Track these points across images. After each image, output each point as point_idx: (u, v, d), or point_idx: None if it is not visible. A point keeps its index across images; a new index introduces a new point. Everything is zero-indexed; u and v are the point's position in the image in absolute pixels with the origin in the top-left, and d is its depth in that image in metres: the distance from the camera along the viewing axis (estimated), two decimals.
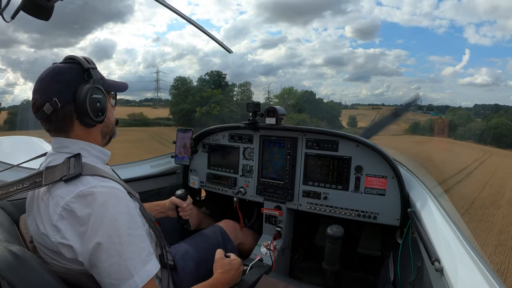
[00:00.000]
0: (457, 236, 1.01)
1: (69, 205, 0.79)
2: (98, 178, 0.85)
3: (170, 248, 1.33)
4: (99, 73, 0.95)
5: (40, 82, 0.88)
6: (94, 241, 0.78)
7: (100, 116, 0.92)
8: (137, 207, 0.94)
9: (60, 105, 0.85)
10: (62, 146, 0.91)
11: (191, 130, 1.88)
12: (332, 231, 1.32)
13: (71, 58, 0.93)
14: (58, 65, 0.90)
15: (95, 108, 0.89)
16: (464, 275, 0.84)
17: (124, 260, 0.80)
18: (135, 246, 0.83)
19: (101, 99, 0.91)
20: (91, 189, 0.81)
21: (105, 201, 0.81)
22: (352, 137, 1.55)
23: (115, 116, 1.06)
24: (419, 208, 1.29)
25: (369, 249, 1.70)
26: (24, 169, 1.24)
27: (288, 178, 1.67)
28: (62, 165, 0.85)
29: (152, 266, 0.87)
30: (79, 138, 0.92)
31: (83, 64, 0.90)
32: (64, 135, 0.91)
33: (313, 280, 1.81)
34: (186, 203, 1.41)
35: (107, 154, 1.01)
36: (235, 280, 1.19)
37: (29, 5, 0.94)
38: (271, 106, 1.68)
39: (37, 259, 0.78)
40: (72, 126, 0.90)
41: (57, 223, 0.80)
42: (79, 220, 0.79)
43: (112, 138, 1.06)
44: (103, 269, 0.80)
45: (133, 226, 0.85)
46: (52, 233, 0.81)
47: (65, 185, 0.81)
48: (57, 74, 0.88)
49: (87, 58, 0.93)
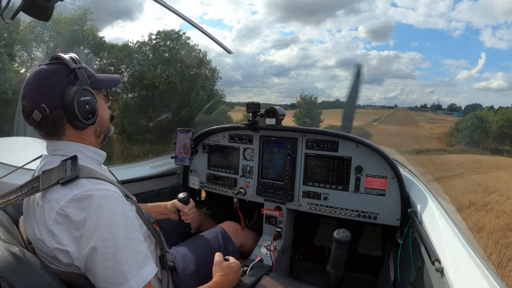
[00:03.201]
0: (457, 236, 1.02)
1: (63, 209, 0.78)
2: (93, 180, 0.83)
3: (170, 250, 1.32)
4: (88, 71, 0.92)
5: (27, 88, 0.85)
6: (90, 245, 0.77)
7: (90, 118, 0.89)
8: (134, 209, 0.93)
9: (48, 111, 0.83)
10: (56, 149, 0.90)
11: (191, 130, 1.88)
12: (340, 236, 1.29)
13: (57, 58, 0.90)
14: (43, 68, 0.87)
15: (84, 110, 0.87)
16: (464, 275, 0.84)
17: (119, 264, 0.79)
18: (130, 250, 0.82)
19: (90, 100, 0.88)
20: (86, 193, 0.80)
21: (100, 205, 0.80)
22: (352, 138, 1.55)
23: (109, 112, 1.03)
24: (419, 208, 1.29)
25: (370, 249, 1.70)
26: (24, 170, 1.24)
27: (288, 178, 1.67)
28: (58, 168, 0.84)
29: (149, 271, 0.86)
30: (73, 140, 0.91)
31: (68, 65, 0.87)
32: (57, 138, 0.90)
33: (314, 281, 1.81)
34: (188, 207, 1.38)
35: (102, 155, 0.99)
36: (234, 283, 1.19)
37: (29, 5, 0.93)
38: (271, 107, 1.68)
39: (37, 260, 0.78)
40: (63, 130, 0.89)
41: (52, 228, 0.79)
42: (74, 225, 0.78)
43: (108, 135, 1.03)
44: (99, 273, 0.79)
45: (129, 229, 0.84)
46: (48, 238, 0.80)
47: (60, 189, 0.80)
48: (42, 77, 0.85)
49: (73, 57, 0.90)
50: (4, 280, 0.68)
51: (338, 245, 1.30)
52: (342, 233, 1.30)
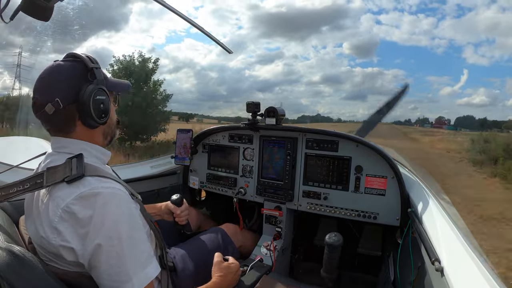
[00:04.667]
0: (457, 236, 1.01)
1: (69, 207, 0.78)
2: (99, 179, 0.83)
3: (170, 250, 1.32)
4: (103, 73, 0.93)
5: (41, 81, 0.85)
6: (95, 242, 0.77)
7: (103, 117, 0.90)
8: (138, 208, 0.94)
9: (62, 106, 0.83)
10: (62, 146, 0.90)
11: (191, 130, 1.88)
12: (331, 240, 1.26)
13: (73, 56, 0.90)
14: (60, 63, 0.87)
15: (98, 109, 0.87)
16: (464, 275, 0.84)
17: (123, 262, 0.79)
18: (135, 249, 0.83)
19: (104, 100, 0.89)
20: (92, 191, 0.80)
21: (106, 202, 0.80)
22: (352, 137, 1.55)
23: (116, 117, 1.04)
24: (419, 208, 1.29)
25: (369, 249, 1.71)
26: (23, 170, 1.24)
27: (288, 178, 1.67)
28: (63, 166, 0.84)
29: (152, 270, 0.86)
30: (81, 139, 0.90)
31: (86, 63, 0.87)
32: (65, 135, 0.89)
33: (314, 281, 1.80)
34: (180, 209, 1.38)
35: (108, 155, 0.99)
36: (234, 283, 1.18)
37: (28, 5, 0.93)
38: (271, 106, 1.68)
39: (38, 260, 0.78)
40: (74, 127, 0.88)
41: (57, 225, 0.79)
42: (80, 222, 0.78)
43: (113, 139, 1.03)
44: (102, 270, 0.79)
45: (135, 228, 0.84)
46: (52, 236, 0.79)
47: (66, 187, 0.80)
48: (59, 72, 0.85)
49: (90, 57, 0.90)
50: (4, 280, 0.68)
51: (330, 249, 1.28)
52: (334, 237, 1.27)
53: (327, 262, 1.33)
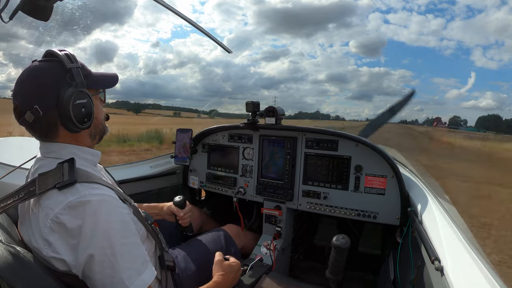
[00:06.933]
0: (457, 235, 1.02)
1: (58, 217, 0.75)
2: (88, 185, 0.80)
3: (173, 250, 1.32)
4: (85, 69, 0.87)
5: (19, 86, 0.81)
6: (87, 253, 0.75)
7: (86, 122, 0.86)
8: (131, 212, 0.91)
9: (41, 113, 0.79)
10: (50, 151, 0.87)
11: (190, 130, 1.88)
12: (339, 242, 1.24)
13: (51, 55, 0.84)
14: (38, 65, 0.83)
15: (79, 114, 0.83)
16: (464, 274, 0.84)
17: (118, 271, 0.77)
18: (129, 256, 0.80)
19: (86, 103, 0.84)
20: (81, 199, 0.76)
21: (96, 210, 0.77)
22: (352, 137, 1.55)
23: (105, 112, 0.99)
24: (419, 207, 1.29)
25: (369, 248, 1.71)
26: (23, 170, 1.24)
27: (288, 177, 1.67)
28: (55, 172, 0.80)
29: (148, 275, 0.84)
30: (67, 142, 0.87)
31: (64, 63, 0.82)
32: (50, 139, 0.86)
33: (313, 280, 1.81)
34: (184, 211, 1.37)
35: (97, 155, 0.96)
36: (234, 283, 1.18)
37: (28, 5, 0.93)
38: (271, 106, 1.68)
39: (38, 261, 0.77)
40: (57, 132, 0.85)
41: (48, 236, 0.76)
42: (69, 232, 0.75)
43: (104, 135, 0.99)
44: (97, 281, 0.77)
45: (127, 234, 0.82)
46: (44, 247, 0.77)
47: (56, 195, 0.77)
48: (36, 76, 0.81)
49: (69, 55, 0.84)
50: (4, 280, 0.68)
51: (338, 251, 1.25)
52: (341, 239, 1.24)
53: (333, 264, 1.31)
